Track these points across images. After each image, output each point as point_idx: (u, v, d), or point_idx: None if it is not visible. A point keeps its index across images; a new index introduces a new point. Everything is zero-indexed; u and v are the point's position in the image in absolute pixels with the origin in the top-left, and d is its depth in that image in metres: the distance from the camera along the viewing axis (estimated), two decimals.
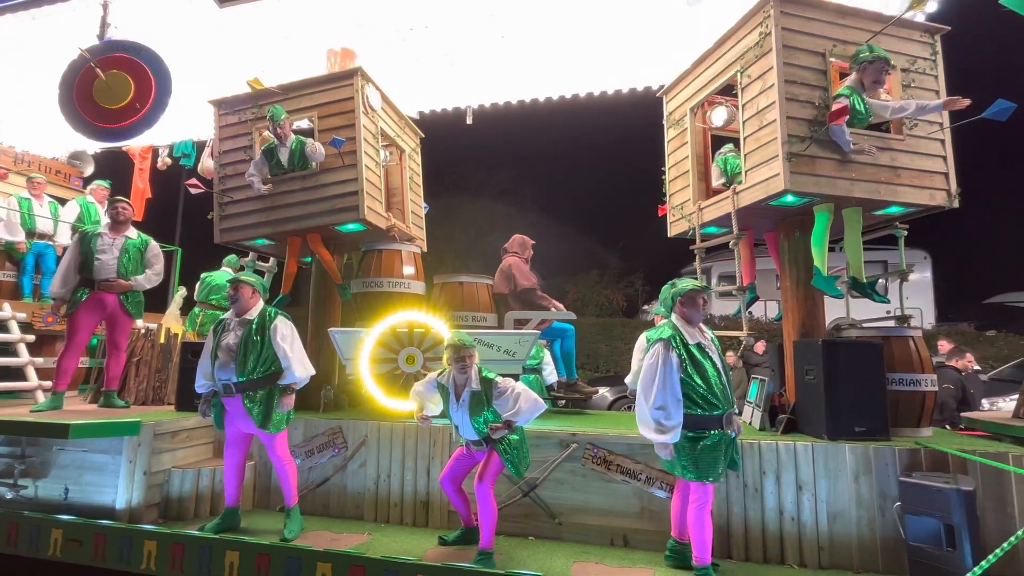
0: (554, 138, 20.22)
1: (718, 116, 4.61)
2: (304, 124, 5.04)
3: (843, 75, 4.00)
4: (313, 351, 4.85)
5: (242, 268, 6.72)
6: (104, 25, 4.80)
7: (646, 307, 16.56)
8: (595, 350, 13.34)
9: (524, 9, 4.80)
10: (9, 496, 3.90)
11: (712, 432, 2.81)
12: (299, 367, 3.53)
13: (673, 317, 3.00)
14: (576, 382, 5.03)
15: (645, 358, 2.92)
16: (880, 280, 4.53)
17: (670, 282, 3.12)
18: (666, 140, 5.04)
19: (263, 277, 5.43)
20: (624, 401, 8.94)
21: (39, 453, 3.97)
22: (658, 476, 3.47)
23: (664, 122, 5.07)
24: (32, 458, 3.96)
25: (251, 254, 5.37)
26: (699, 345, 2.89)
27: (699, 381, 2.82)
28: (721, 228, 4.61)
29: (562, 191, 21.76)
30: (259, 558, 3.17)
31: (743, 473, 3.36)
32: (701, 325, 2.98)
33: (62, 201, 6.86)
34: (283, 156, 4.69)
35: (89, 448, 3.85)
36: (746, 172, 4.01)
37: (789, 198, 3.73)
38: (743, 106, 4.03)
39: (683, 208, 4.75)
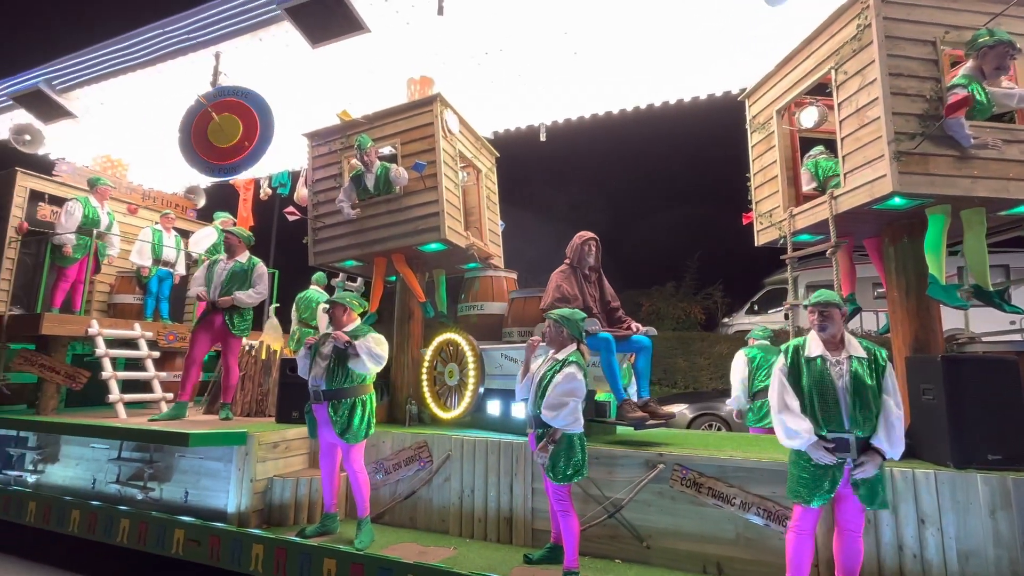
0: (627, 150, 20.01)
1: (808, 117, 4.35)
2: (388, 151, 5.31)
3: (955, 64, 3.66)
4: (398, 366, 5.05)
5: (329, 285, 7.17)
6: (216, 73, 5.36)
7: (726, 320, 15.77)
8: (673, 365, 12.86)
9: (597, 24, 4.81)
10: (140, 497, 4.35)
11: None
12: (372, 357, 3.65)
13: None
14: (648, 402, 4.19)
15: None
16: (1007, 287, 4.05)
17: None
18: (750, 145, 4.82)
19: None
20: (706, 419, 8.53)
21: (164, 459, 4.40)
22: (755, 501, 3.26)
23: (747, 126, 4.86)
24: (158, 463, 4.40)
25: (340, 275, 5.70)
26: (820, 358, 2.72)
27: (799, 394, 2.71)
28: (815, 235, 4.32)
29: (635, 202, 21.40)
30: (354, 567, 3.31)
31: None
32: (848, 340, 2.77)
33: (184, 232, 7.65)
34: (369, 182, 4.97)
35: (205, 456, 4.22)
36: (845, 175, 3.74)
37: (897, 200, 3.43)
38: (839, 105, 3.78)
39: (772, 215, 4.50)
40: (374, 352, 3.68)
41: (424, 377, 5.01)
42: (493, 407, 4.63)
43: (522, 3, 4.60)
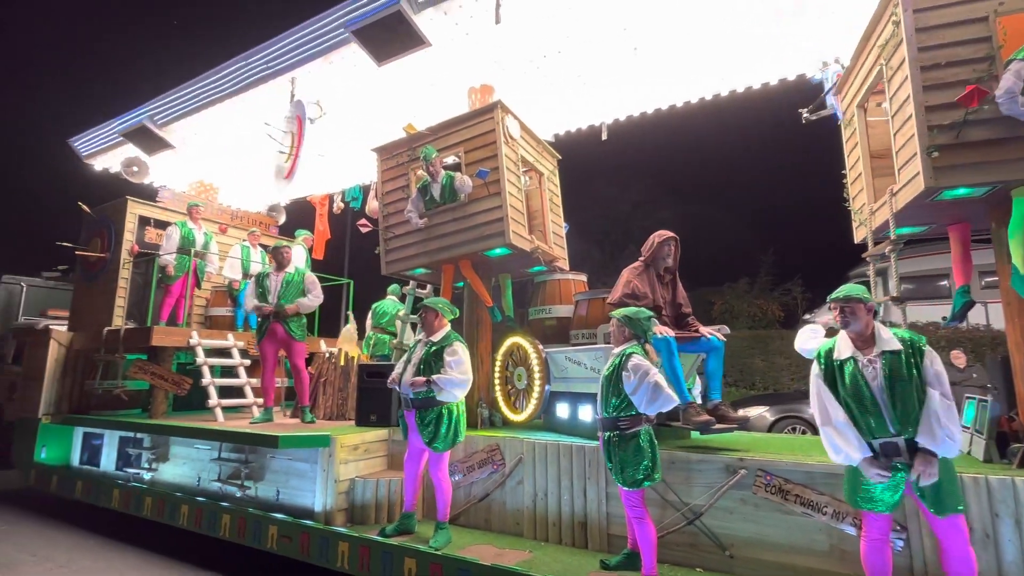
0: (692, 143, 19.30)
1: None
2: (452, 160, 5.45)
3: None
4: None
5: (403, 296, 7.43)
6: (292, 98, 5.72)
7: (807, 316, 14.81)
8: (749, 366, 12.24)
9: (656, 16, 4.70)
10: (238, 495, 4.70)
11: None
12: (454, 385, 3.75)
13: None
14: (719, 405, 3.98)
15: None
16: None
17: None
18: (844, 140, 4.58)
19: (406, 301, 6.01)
20: (788, 422, 8.04)
21: (257, 460, 4.74)
22: (849, 511, 3.03)
23: (841, 123, 4.63)
24: (253, 463, 4.74)
25: (411, 283, 5.89)
26: (851, 360, 2.53)
27: (839, 401, 2.53)
28: (916, 227, 4.02)
29: (701, 198, 20.62)
30: (433, 566, 3.41)
31: (968, 515, 2.79)
32: (880, 334, 2.54)
33: (264, 246, 8.23)
34: (435, 191, 5.11)
35: (293, 457, 4.50)
36: (898, 170, 3.56)
37: (961, 190, 3.20)
38: (890, 99, 3.61)
39: (861, 212, 4.24)
40: (456, 382, 3.75)
41: (496, 380, 5.13)
42: (562, 410, 4.61)
43: (579, 3, 4.58)
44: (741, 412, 4.82)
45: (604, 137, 6.38)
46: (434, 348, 3.86)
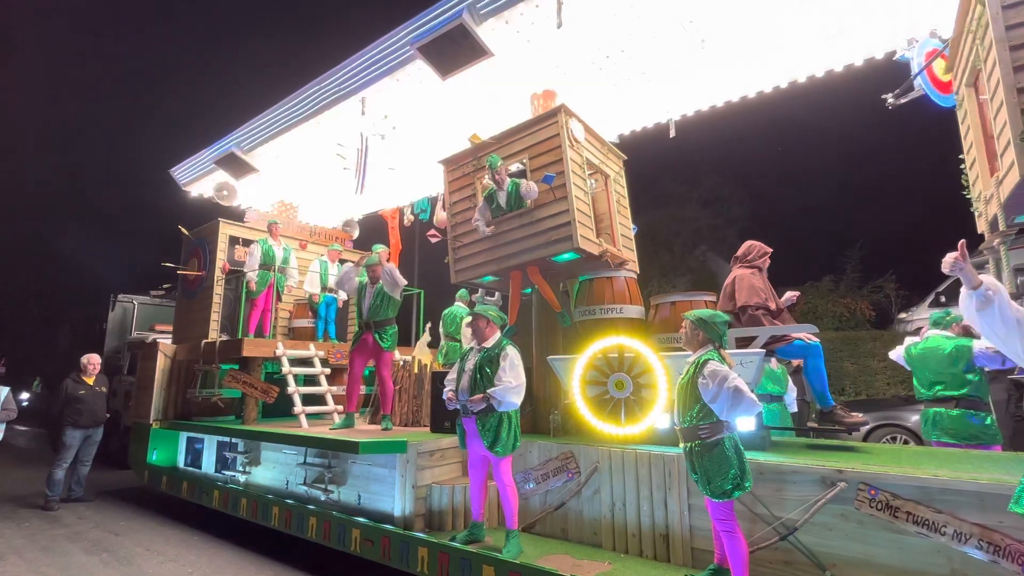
0: (765, 135, 18.33)
1: None
2: (517, 167, 5.47)
3: None
4: (540, 377, 5.11)
5: (472, 303, 7.54)
6: (363, 116, 5.97)
7: (903, 315, 13.56)
8: (838, 369, 11.35)
9: (725, 6, 4.50)
10: (322, 498, 4.91)
11: None
12: (512, 394, 3.74)
13: None
14: (834, 409, 4.20)
15: None
16: None
17: None
18: (959, 123, 4.18)
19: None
20: (888, 430, 7.36)
21: (340, 464, 4.93)
22: (974, 532, 2.71)
23: (956, 107, 4.24)
24: (336, 468, 4.94)
25: (479, 290, 5.96)
26: None
27: None
28: (1004, 220, 3.57)
29: (776, 192, 19.49)
30: (511, 575, 3.38)
31: None
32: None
33: (343, 261, 8.66)
34: (501, 199, 5.15)
35: (372, 462, 4.64)
36: (1000, 156, 3.15)
37: None
38: (988, 81, 3.20)
39: (980, 199, 3.83)
40: (511, 389, 3.74)
41: (580, 388, 4.39)
42: (662, 419, 4.35)
43: (642, 1, 4.46)
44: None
45: (672, 134, 6.19)
46: (487, 355, 3.87)
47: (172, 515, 6.59)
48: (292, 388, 6.19)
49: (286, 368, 6.34)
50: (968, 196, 4.16)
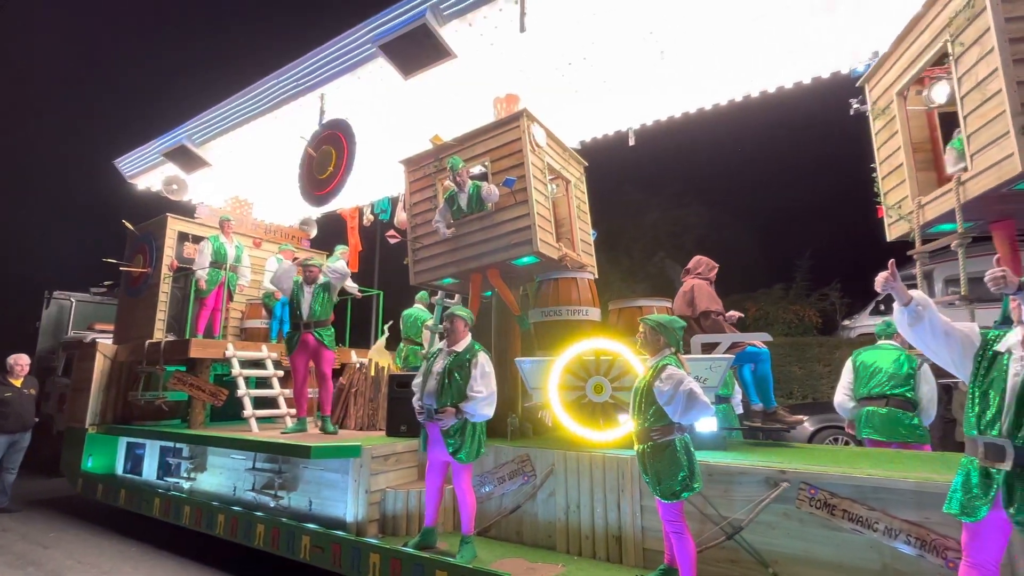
0: (721, 147, 18.97)
1: (940, 92, 3.85)
2: (478, 170, 5.46)
3: None
4: (498, 380, 5.08)
5: (431, 305, 7.47)
6: (321, 113, 5.85)
7: (847, 322, 14.29)
8: (787, 374, 11.83)
9: (684, 20, 4.63)
10: (272, 505, 4.75)
11: None
12: (485, 406, 3.73)
13: None
14: (776, 410, 4.49)
15: None
16: None
17: None
18: (873, 133, 4.38)
19: (437, 311, 5.99)
20: (830, 432, 7.72)
21: (291, 470, 4.79)
22: (903, 528, 2.86)
23: (869, 113, 4.43)
24: (286, 474, 4.79)
25: (439, 292, 5.91)
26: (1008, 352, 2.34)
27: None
28: (962, 223, 3.80)
29: (732, 202, 20.15)
30: None
31: None
32: None
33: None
34: (462, 201, 5.13)
35: (325, 467, 4.53)
36: (971, 156, 3.33)
37: None
38: (959, 79, 3.40)
39: (901, 207, 4.03)
40: (483, 403, 3.71)
41: (558, 391, 4.32)
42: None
43: (604, 9, 4.54)
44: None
45: (631, 143, 6.32)
46: (457, 359, 3.82)
47: (108, 526, 6.24)
48: (242, 391, 5.97)
49: (236, 370, 6.11)
50: (879, 203, 4.36)
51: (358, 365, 6.19)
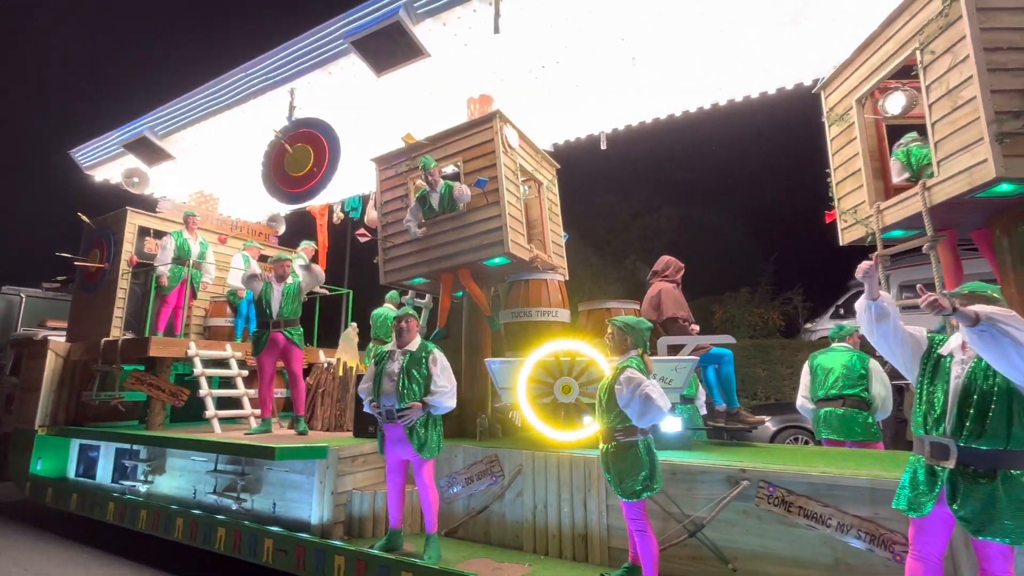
0: (692, 152, 19.37)
1: (895, 103, 4.02)
2: (451, 170, 5.45)
3: None
4: (468, 380, 5.11)
5: (402, 304, 7.41)
6: (291, 108, 5.74)
7: (808, 325, 14.78)
8: (751, 375, 12.18)
9: (654, 27, 4.72)
10: (234, 507, 4.64)
11: None
12: (449, 398, 3.77)
13: None
14: (738, 411, 4.61)
15: None
16: None
17: None
18: (829, 139, 4.52)
19: (420, 313, 5.93)
20: (792, 432, 7.97)
21: (254, 471, 4.68)
22: (854, 523, 2.98)
23: (824, 119, 4.57)
24: (249, 475, 4.68)
25: (410, 292, 5.87)
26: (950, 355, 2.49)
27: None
28: (908, 230, 3.96)
29: (702, 206, 20.59)
30: None
31: None
32: None
33: (263, 257, 8.25)
34: (434, 201, 5.11)
35: (289, 469, 4.44)
36: (938, 163, 3.42)
37: (1005, 187, 3.08)
38: (927, 87, 3.48)
39: (857, 212, 4.19)
40: (447, 395, 3.76)
41: (526, 392, 4.32)
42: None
43: (577, 13, 4.59)
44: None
45: (603, 146, 6.40)
46: (412, 357, 3.81)
47: (58, 531, 5.97)
48: (204, 391, 5.81)
49: (198, 369, 5.94)
50: (831, 207, 4.51)
51: (326, 365, 6.10)
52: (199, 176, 7.78)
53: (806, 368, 4.91)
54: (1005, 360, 2.07)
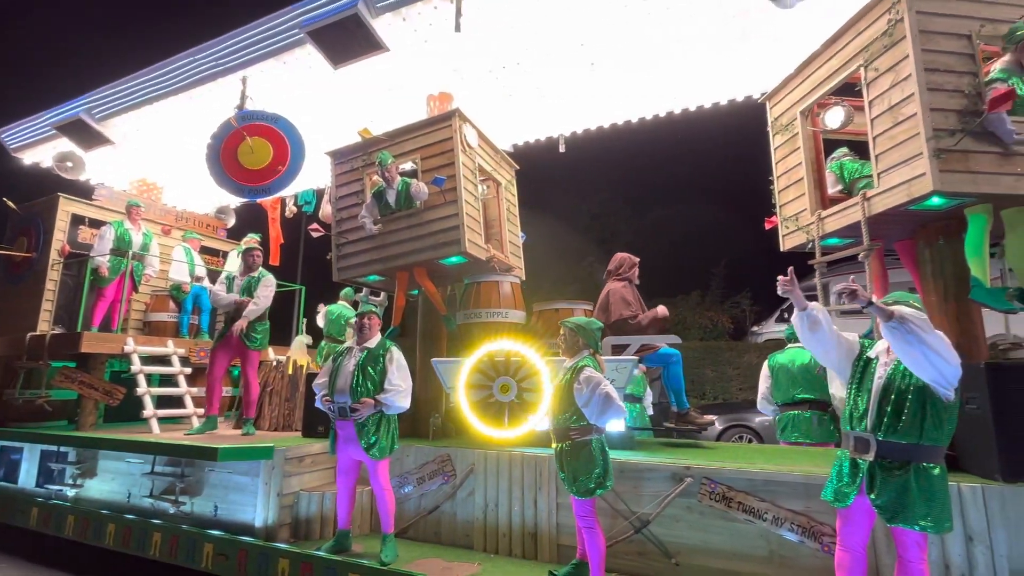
0: (648, 157, 19.81)
1: (834, 118, 4.24)
2: (408, 166, 5.39)
3: (988, 59, 3.53)
4: (422, 380, 5.06)
5: (356, 302, 7.27)
6: (243, 97, 5.53)
7: (755, 328, 15.42)
8: (701, 376, 12.59)
9: (613, 34, 4.82)
10: (172, 511, 4.43)
11: None
12: (403, 398, 3.72)
13: None
14: (688, 412, 4.74)
15: None
16: None
17: None
18: (773, 148, 4.73)
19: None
20: (737, 430, 8.29)
21: (195, 473, 4.49)
22: (788, 517, 3.14)
23: (769, 129, 4.77)
24: (189, 477, 4.49)
25: (364, 289, 5.77)
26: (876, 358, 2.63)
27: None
28: (844, 239, 4.19)
29: (658, 211, 21.15)
30: None
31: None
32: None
33: (213, 251, 7.92)
34: (391, 197, 5.04)
35: (233, 470, 4.29)
36: (878, 175, 3.63)
37: (936, 200, 3.30)
38: (870, 103, 3.68)
39: (798, 219, 4.39)
40: (401, 394, 3.71)
41: (466, 391, 4.39)
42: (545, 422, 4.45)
43: (538, 16, 4.63)
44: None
45: (562, 149, 6.48)
46: (369, 355, 3.77)
47: None
48: (143, 389, 5.52)
49: (136, 366, 5.64)
50: (773, 214, 4.69)
51: (274, 363, 5.91)
52: (141, 163, 7.39)
53: (766, 369, 4.87)
54: (912, 357, 2.27)
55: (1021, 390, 2.94)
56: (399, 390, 3.70)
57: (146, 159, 7.22)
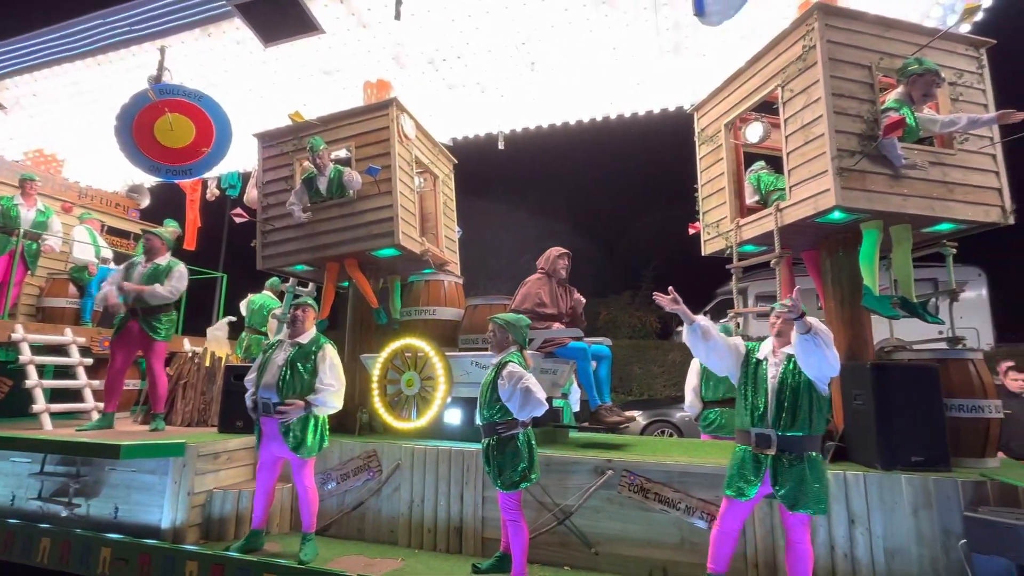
0: (585, 160, 20.35)
1: (753, 132, 4.54)
2: (342, 154, 5.22)
3: (883, 89, 3.90)
4: (350, 373, 4.90)
5: (282, 293, 6.95)
6: (161, 68, 5.13)
7: (680, 328, 16.19)
8: (628, 373, 13.09)
9: (553, 37, 4.90)
10: (64, 514, 4.07)
11: None
12: (335, 398, 3.61)
13: None
14: (599, 408, 4.53)
15: None
16: (932, 299, 4.32)
17: None
18: (698, 157, 4.98)
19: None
20: (659, 425, 8.70)
21: (92, 473, 4.14)
22: (698, 506, 3.34)
23: (696, 139, 5.02)
24: (86, 477, 4.13)
25: (291, 279, 5.54)
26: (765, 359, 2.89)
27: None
28: (759, 246, 4.50)
29: (593, 212, 21.75)
30: None
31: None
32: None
33: (123, 233, 7.30)
34: (322, 185, 4.86)
35: (138, 468, 3.99)
36: (790, 188, 3.91)
37: (837, 214, 3.61)
38: (785, 121, 3.96)
39: (719, 226, 4.66)
40: (333, 394, 3.59)
41: (375, 386, 4.64)
42: (452, 415, 4.49)
43: (479, 11, 4.63)
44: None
45: (501, 146, 6.50)
46: (301, 351, 3.63)
47: None
48: (33, 381, 5.01)
49: (26, 356, 5.11)
50: (696, 220, 4.95)
51: (190, 354, 5.55)
52: (38, 132, 6.69)
53: (695, 367, 4.99)
54: (813, 365, 2.59)
55: (900, 388, 3.29)
56: (331, 389, 3.56)
57: (44, 128, 6.55)
